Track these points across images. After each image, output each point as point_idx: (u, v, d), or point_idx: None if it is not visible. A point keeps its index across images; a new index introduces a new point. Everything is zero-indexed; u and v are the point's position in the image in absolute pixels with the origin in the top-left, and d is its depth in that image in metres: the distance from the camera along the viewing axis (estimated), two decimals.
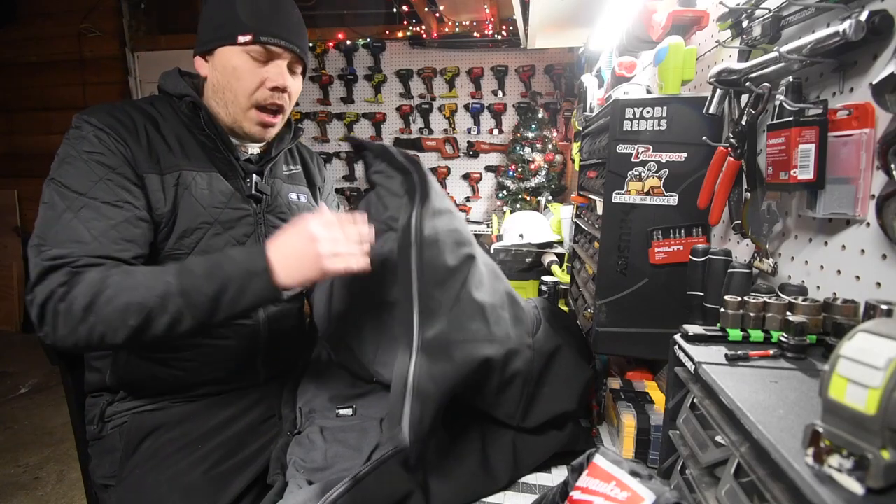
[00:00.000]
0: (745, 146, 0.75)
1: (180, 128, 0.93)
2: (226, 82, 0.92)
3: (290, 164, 1.13)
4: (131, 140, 0.86)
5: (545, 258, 2.08)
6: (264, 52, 0.90)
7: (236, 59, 0.90)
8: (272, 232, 0.98)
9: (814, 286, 0.66)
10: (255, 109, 0.94)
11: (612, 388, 0.98)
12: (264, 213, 1.01)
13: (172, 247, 0.89)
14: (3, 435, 2.48)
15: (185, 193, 0.89)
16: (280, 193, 1.05)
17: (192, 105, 0.93)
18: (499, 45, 3.33)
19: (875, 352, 0.30)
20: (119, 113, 0.88)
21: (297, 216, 1.05)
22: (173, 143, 0.91)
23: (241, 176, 0.98)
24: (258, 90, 0.92)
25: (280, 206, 1.04)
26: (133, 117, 0.89)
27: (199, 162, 0.92)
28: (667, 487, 0.46)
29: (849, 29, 0.53)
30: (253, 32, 0.88)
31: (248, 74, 0.91)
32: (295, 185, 1.11)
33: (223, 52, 0.91)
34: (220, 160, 0.96)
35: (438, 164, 3.66)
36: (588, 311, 1.05)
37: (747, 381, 0.46)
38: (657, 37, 1.03)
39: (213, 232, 0.92)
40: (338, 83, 3.62)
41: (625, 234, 0.91)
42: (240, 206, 0.96)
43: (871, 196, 0.56)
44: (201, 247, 0.91)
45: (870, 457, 0.29)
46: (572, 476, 0.54)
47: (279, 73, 0.92)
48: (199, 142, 0.94)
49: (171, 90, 0.94)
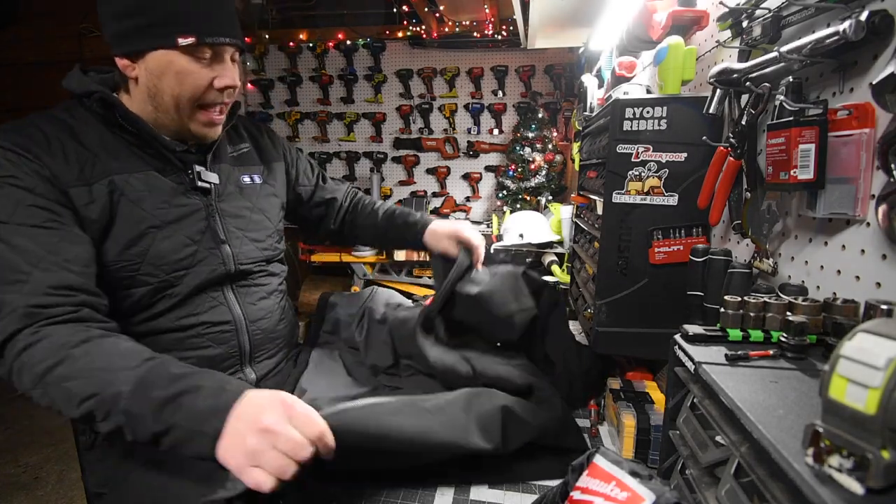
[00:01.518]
0: (745, 146, 0.75)
1: (100, 130, 0.84)
2: (166, 87, 0.83)
3: (237, 144, 1.04)
4: (45, 155, 0.78)
5: (545, 258, 2.08)
6: (209, 51, 0.83)
7: (178, 62, 0.81)
8: (230, 222, 0.95)
9: (814, 286, 0.65)
10: (202, 110, 0.87)
11: (612, 388, 0.98)
12: (216, 204, 0.94)
13: (117, 259, 0.82)
14: (3, 435, 2.48)
15: (122, 200, 0.82)
16: (230, 178, 0.98)
17: (103, 102, 0.83)
18: (499, 45, 3.33)
19: (875, 352, 0.30)
20: (27, 129, 0.81)
21: (255, 199, 1.01)
22: (95, 148, 0.82)
23: (181, 168, 0.90)
24: (206, 92, 0.85)
25: (233, 193, 0.97)
26: (43, 130, 0.81)
27: (129, 162, 0.84)
28: (667, 487, 0.46)
29: (849, 29, 0.53)
30: (196, 34, 0.80)
31: (194, 78, 0.83)
32: (245, 167, 1.03)
33: (159, 56, 0.81)
34: (153, 155, 0.87)
35: (438, 164, 3.66)
36: (588, 311, 1.05)
37: (747, 381, 0.46)
38: (657, 37, 1.03)
39: (162, 235, 0.85)
40: (338, 83, 3.62)
41: (625, 234, 0.91)
42: (185, 202, 0.89)
43: (871, 196, 0.56)
44: (152, 253, 0.84)
45: (870, 457, 0.29)
46: (572, 476, 0.54)
47: (227, 71, 0.86)
48: (124, 141, 0.85)
49: (77, 89, 0.85)
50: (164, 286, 0.86)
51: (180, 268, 0.88)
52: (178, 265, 0.87)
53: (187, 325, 0.90)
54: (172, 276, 0.87)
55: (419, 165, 3.71)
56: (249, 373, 0.99)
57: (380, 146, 3.74)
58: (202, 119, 0.88)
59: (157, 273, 0.85)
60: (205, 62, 0.83)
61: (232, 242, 0.95)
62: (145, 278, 0.85)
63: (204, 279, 0.90)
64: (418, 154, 3.68)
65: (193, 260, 0.89)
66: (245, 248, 0.97)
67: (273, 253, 1.05)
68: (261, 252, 1.00)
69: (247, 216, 0.99)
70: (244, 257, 0.97)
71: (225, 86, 0.86)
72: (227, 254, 0.94)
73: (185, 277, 0.88)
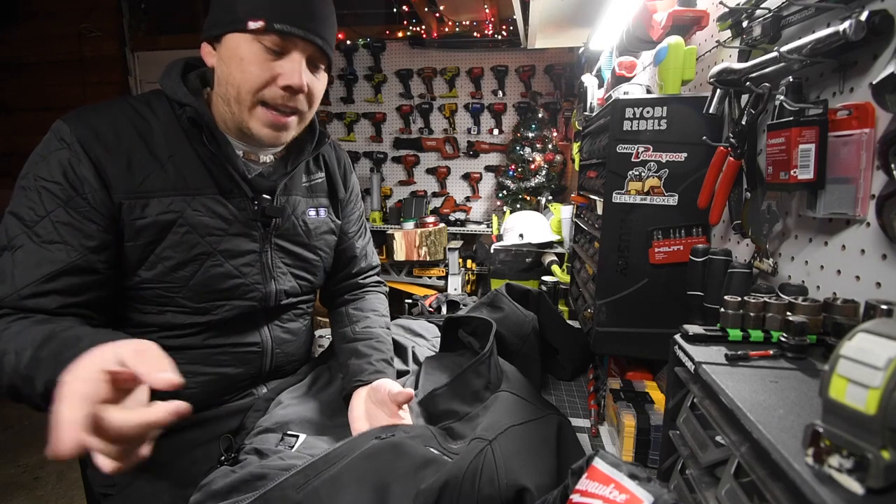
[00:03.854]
0: (745, 146, 0.74)
1: (177, 137, 0.80)
2: (230, 75, 0.78)
3: (313, 173, 0.98)
4: (107, 160, 0.74)
5: (545, 258, 2.08)
6: (279, 42, 0.76)
7: (245, 48, 0.76)
8: (280, 257, 0.91)
9: (814, 286, 0.65)
10: (262, 107, 0.80)
11: (612, 388, 0.98)
12: (273, 239, 0.89)
13: (161, 279, 0.79)
14: (3, 435, 2.48)
15: (178, 221, 0.78)
16: (294, 212, 0.92)
17: (192, 120, 0.80)
18: (499, 45, 3.33)
19: (875, 352, 0.30)
20: (101, 122, 0.76)
21: (314, 237, 0.96)
22: (164, 158, 0.78)
23: (248, 196, 0.85)
24: (266, 87, 0.78)
25: (293, 227, 0.92)
26: (117, 127, 0.77)
27: (195, 181, 0.80)
28: (665, 489, 0.46)
29: (849, 29, 0.53)
30: (265, 17, 0.74)
31: (257, 68, 0.76)
32: (314, 198, 0.97)
33: (231, 40, 0.77)
34: (222, 176, 0.83)
35: (438, 164, 3.66)
36: (588, 311, 1.05)
37: (747, 381, 0.46)
38: (657, 37, 1.03)
39: (212, 263, 0.82)
40: (338, 83, 3.63)
41: (625, 234, 0.91)
42: (243, 233, 0.85)
43: (871, 196, 0.56)
44: (197, 280, 0.81)
45: (870, 457, 0.29)
46: (572, 479, 0.54)
47: (294, 70, 0.77)
48: (197, 153, 0.81)
49: (170, 96, 0.81)
50: (200, 311, 0.84)
51: (222, 298, 0.85)
52: (220, 295, 0.85)
53: (215, 344, 0.87)
54: (211, 304, 0.84)
55: (419, 165, 3.71)
56: (261, 389, 0.96)
57: (380, 146, 3.74)
58: (263, 118, 0.80)
59: (196, 299, 0.83)
60: (273, 55, 0.77)
61: (278, 279, 0.92)
62: (183, 301, 0.82)
63: (242, 311, 0.88)
64: (418, 154, 3.68)
65: (236, 293, 0.86)
66: (289, 284, 0.94)
67: (311, 288, 1.01)
68: (301, 289, 0.97)
69: (299, 253, 0.95)
70: (285, 294, 0.94)
71: (287, 84, 0.78)
72: (270, 290, 0.91)
73: (222, 307, 0.86)
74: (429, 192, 3.70)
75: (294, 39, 0.77)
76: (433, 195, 3.72)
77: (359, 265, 1.13)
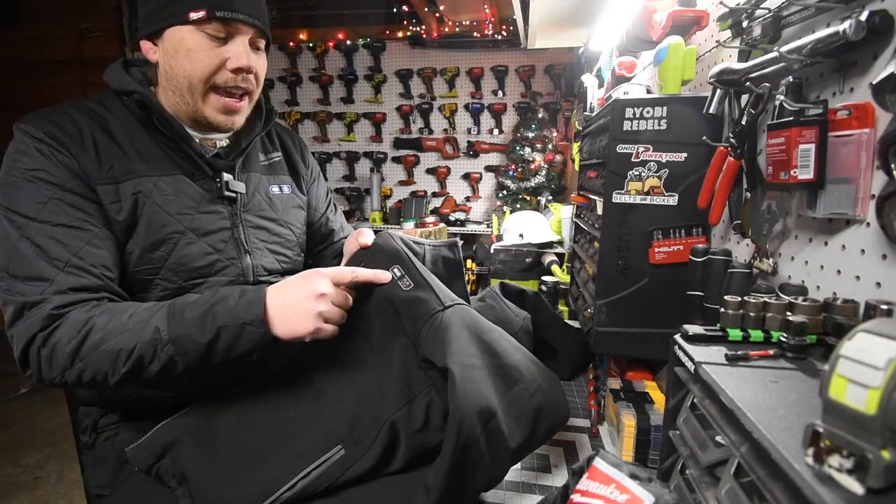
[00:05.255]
0: (745, 146, 0.75)
1: (134, 127, 0.83)
2: (178, 67, 0.80)
3: (269, 152, 1.02)
4: (76, 149, 0.77)
5: (545, 258, 2.08)
6: (222, 29, 0.80)
7: (189, 39, 0.79)
8: (253, 233, 0.93)
9: (814, 286, 0.65)
10: (215, 94, 0.83)
11: (612, 388, 0.98)
12: (241, 214, 0.92)
13: (139, 262, 0.81)
14: (3, 435, 2.48)
15: (148, 202, 0.80)
16: (258, 188, 0.96)
17: (141, 103, 0.82)
18: (499, 45, 3.34)
19: (875, 352, 0.30)
20: (61, 118, 0.79)
21: (281, 211, 0.99)
22: (127, 146, 0.81)
23: (210, 175, 0.88)
24: (217, 73, 0.81)
25: (259, 203, 0.95)
26: (77, 121, 0.79)
27: (159, 165, 0.83)
28: (666, 490, 0.46)
29: (849, 29, 0.53)
30: (206, 7, 0.77)
31: (205, 56, 0.80)
32: (275, 176, 1.01)
33: (173, 33, 0.79)
34: (183, 159, 0.86)
35: (438, 164, 3.66)
36: (588, 311, 1.05)
37: (747, 381, 0.46)
38: (657, 37, 1.04)
39: (185, 241, 0.84)
40: (338, 83, 3.62)
41: (625, 234, 0.91)
42: (212, 210, 0.87)
43: (871, 196, 0.56)
44: (173, 259, 0.83)
45: (870, 457, 0.29)
46: (573, 479, 0.54)
47: (241, 52, 0.81)
48: (156, 141, 0.84)
49: (116, 87, 0.83)
50: (180, 292, 0.84)
51: (199, 275, 0.86)
52: (198, 273, 0.86)
53: None
54: (190, 283, 0.85)
55: (419, 165, 3.72)
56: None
57: (380, 146, 3.74)
58: (216, 104, 0.84)
59: (175, 279, 0.84)
60: (218, 41, 0.80)
61: (253, 254, 0.93)
62: (163, 283, 0.84)
63: None
64: (418, 154, 3.69)
65: (213, 269, 0.88)
66: (265, 260, 0.95)
67: (292, 266, 1.02)
68: (280, 265, 0.98)
69: (271, 228, 0.97)
70: (263, 269, 0.95)
71: (237, 67, 0.81)
72: (247, 265, 0.92)
73: (202, 286, 0.87)
74: (429, 193, 3.71)
75: (236, 24, 0.81)
76: (433, 195, 3.72)
77: (339, 236, 1.17)
